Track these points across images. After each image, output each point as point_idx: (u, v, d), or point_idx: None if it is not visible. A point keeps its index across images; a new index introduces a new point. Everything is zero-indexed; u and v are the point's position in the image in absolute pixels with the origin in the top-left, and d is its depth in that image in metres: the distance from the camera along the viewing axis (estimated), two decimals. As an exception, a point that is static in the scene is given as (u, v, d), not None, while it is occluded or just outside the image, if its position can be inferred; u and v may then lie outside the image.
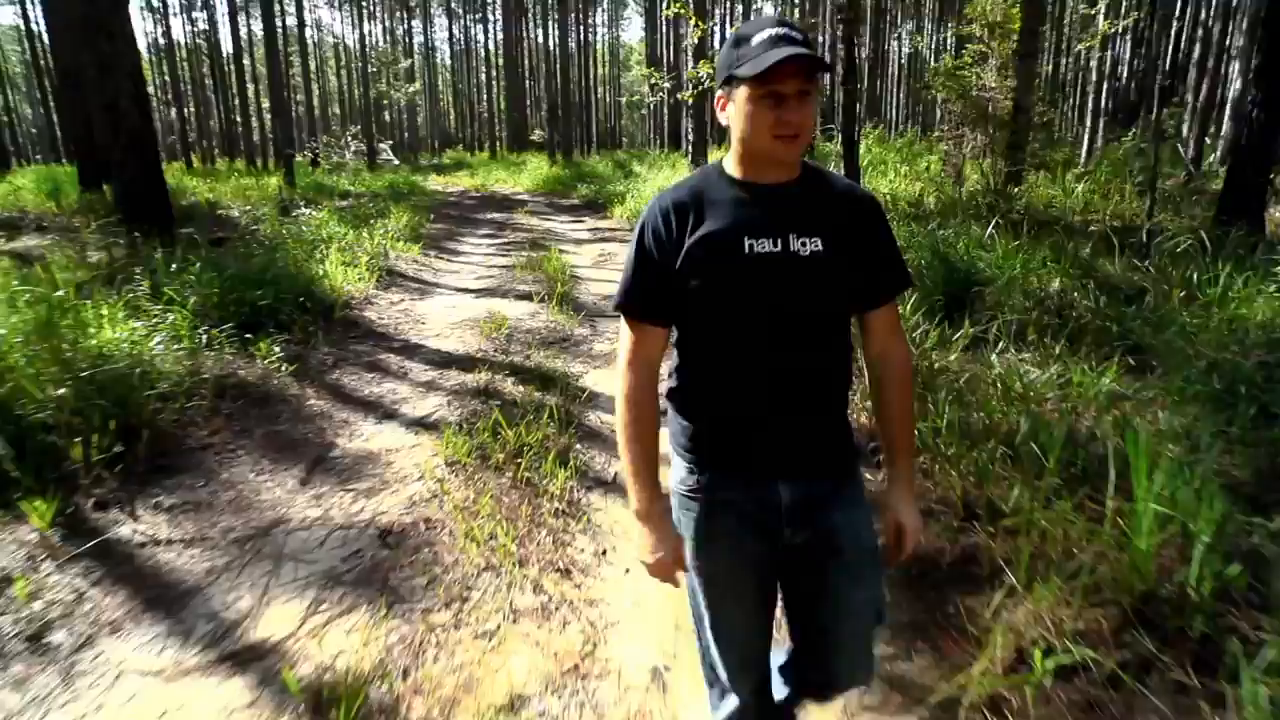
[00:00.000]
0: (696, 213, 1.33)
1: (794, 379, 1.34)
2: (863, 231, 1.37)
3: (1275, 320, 4.09)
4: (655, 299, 1.37)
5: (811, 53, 1.20)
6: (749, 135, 1.28)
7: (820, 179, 1.39)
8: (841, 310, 1.40)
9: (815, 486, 1.38)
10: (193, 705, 2.05)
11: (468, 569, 2.67)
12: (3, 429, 2.97)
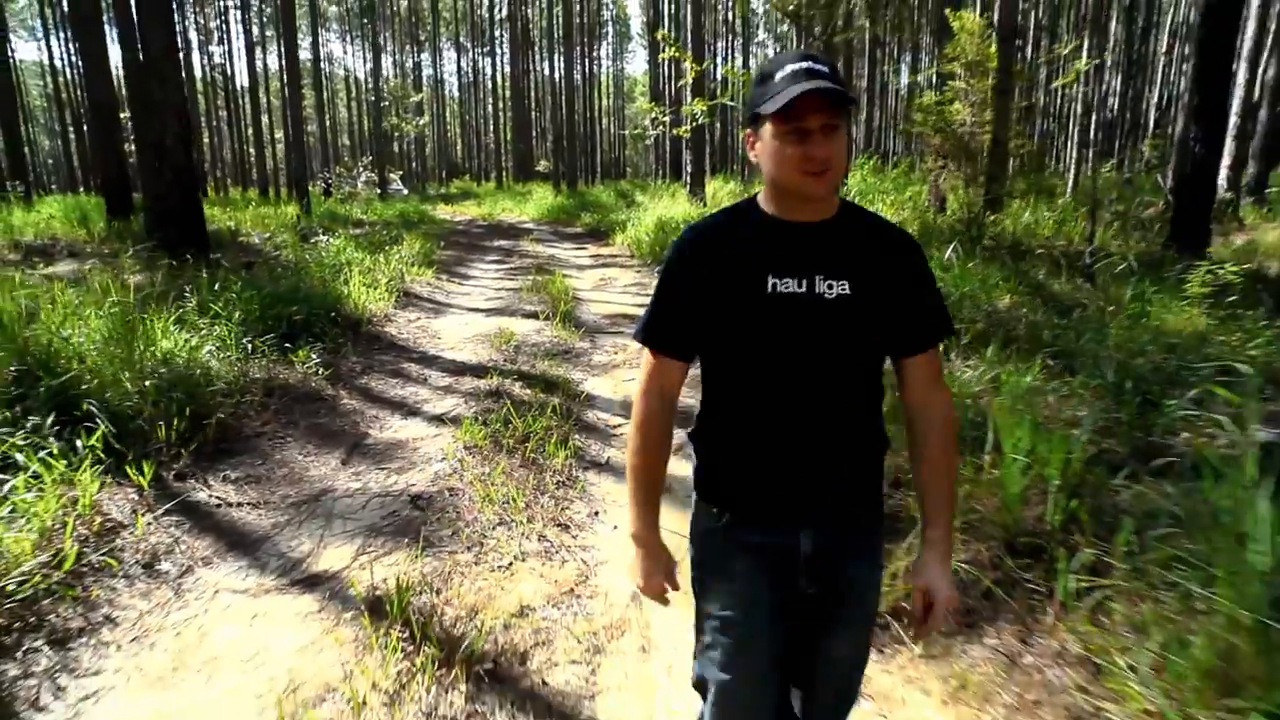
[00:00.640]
0: (723, 247, 1.31)
1: (819, 426, 1.30)
2: (896, 274, 1.32)
3: (1177, 329, 4.71)
4: (675, 332, 1.36)
5: (835, 86, 1.18)
6: (777, 172, 1.25)
7: (855, 217, 1.35)
8: (871, 356, 1.34)
9: (837, 538, 1.34)
10: (275, 612, 2.66)
11: (485, 524, 3.28)
12: (101, 413, 3.60)
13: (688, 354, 1.38)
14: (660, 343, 1.37)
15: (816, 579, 1.33)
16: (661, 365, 1.38)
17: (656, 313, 1.37)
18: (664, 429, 1.40)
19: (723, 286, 1.28)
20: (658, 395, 1.39)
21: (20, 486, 2.84)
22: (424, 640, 2.39)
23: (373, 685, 2.22)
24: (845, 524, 1.35)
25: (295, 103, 18.89)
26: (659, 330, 1.37)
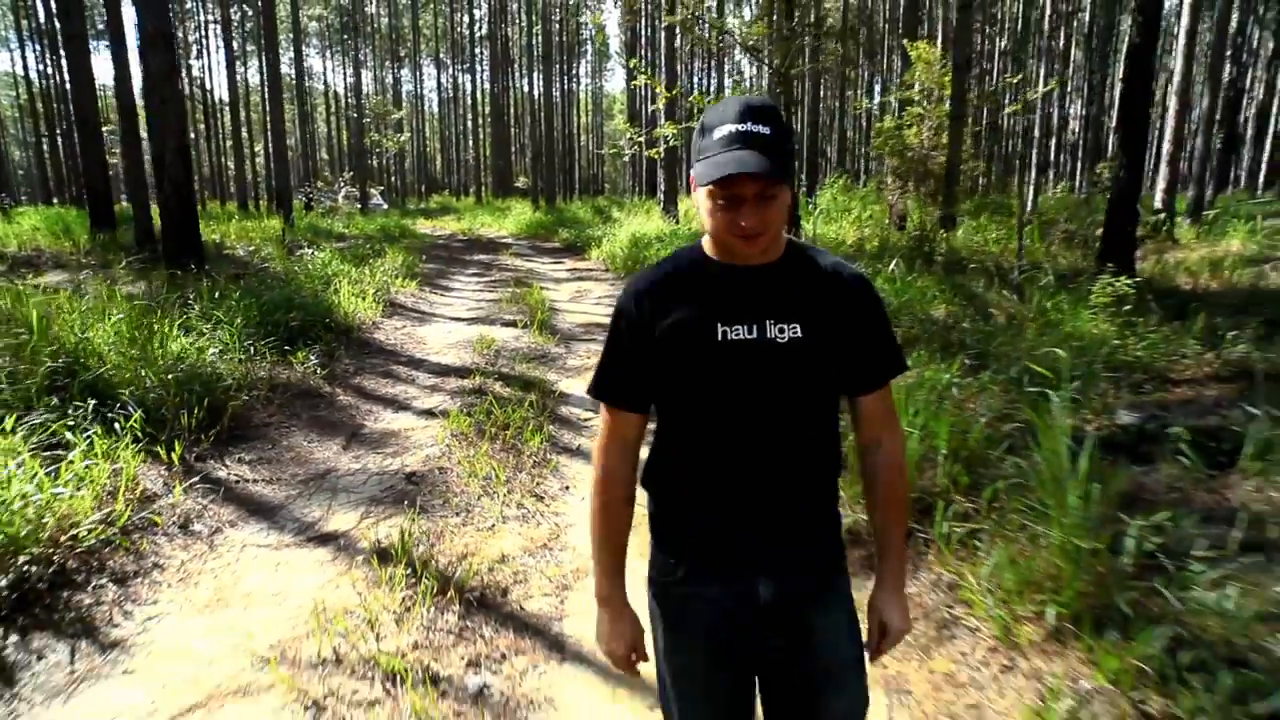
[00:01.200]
0: (669, 297, 1.29)
1: (774, 471, 1.27)
2: (849, 314, 1.29)
3: (1081, 333, 5.37)
4: (628, 386, 1.33)
5: (766, 166, 1.13)
6: (712, 230, 1.24)
7: (804, 259, 1.32)
8: (826, 396, 1.32)
9: (797, 584, 1.30)
10: (295, 562, 3.18)
11: (471, 495, 3.82)
12: (131, 402, 4.09)
13: (643, 405, 1.35)
14: (613, 397, 1.35)
15: (778, 629, 1.30)
16: (618, 420, 1.35)
17: (607, 367, 1.35)
18: (625, 487, 1.36)
19: (673, 337, 1.26)
20: (618, 451, 1.36)
21: (77, 459, 3.33)
22: (423, 576, 2.92)
23: (383, 607, 2.75)
24: (806, 568, 1.32)
25: (278, 117, 19.34)
26: (611, 385, 1.35)
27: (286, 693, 2.31)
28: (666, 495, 1.35)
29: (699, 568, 1.31)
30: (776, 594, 1.28)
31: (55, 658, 2.49)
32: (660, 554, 1.36)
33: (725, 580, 1.29)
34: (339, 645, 2.54)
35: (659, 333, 1.26)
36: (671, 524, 1.34)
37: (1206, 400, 4.28)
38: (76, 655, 2.51)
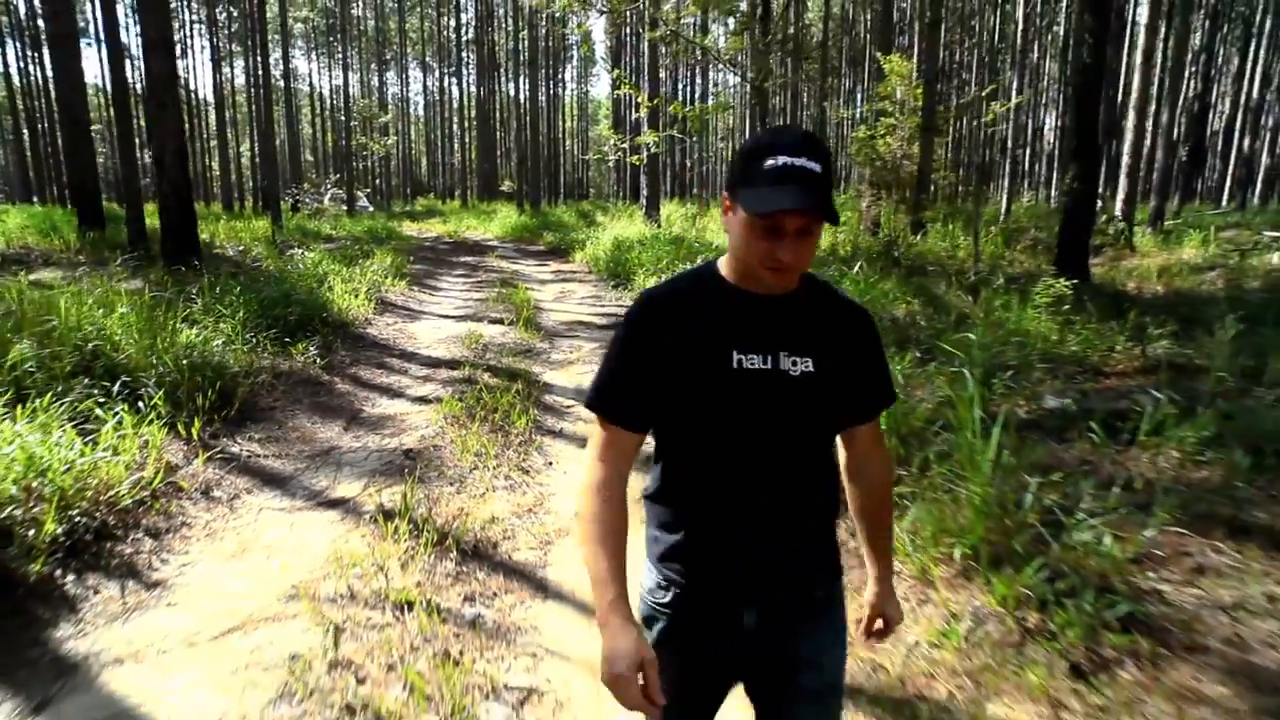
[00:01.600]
0: (685, 316, 1.27)
1: (773, 500, 1.27)
2: (855, 350, 1.32)
3: (1025, 330, 5.87)
4: (629, 402, 1.29)
5: (815, 202, 1.13)
6: (742, 255, 1.23)
7: (819, 293, 1.34)
8: (828, 430, 1.35)
9: (786, 614, 1.32)
10: (308, 522, 3.58)
11: (463, 468, 4.23)
12: (150, 385, 4.46)
13: (640, 425, 1.31)
14: (613, 413, 1.30)
15: (765, 653, 1.32)
16: (613, 436, 1.30)
17: (611, 379, 1.30)
18: (619, 499, 1.28)
19: (685, 358, 1.23)
20: (612, 461, 1.29)
21: (110, 432, 3.71)
22: (424, 531, 3.33)
23: (389, 555, 3.16)
24: (797, 598, 1.33)
25: (267, 119, 19.62)
26: (612, 399, 1.30)
27: (310, 619, 2.71)
28: (663, 517, 1.34)
29: (688, 596, 1.30)
30: (760, 623, 1.30)
31: (108, 593, 2.88)
32: (653, 573, 1.35)
33: (711, 610, 1.30)
34: (353, 584, 2.94)
35: (672, 353, 1.24)
36: (666, 546, 1.33)
37: (1123, 388, 4.78)
38: (125, 591, 2.90)
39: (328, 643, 2.55)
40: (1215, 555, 2.93)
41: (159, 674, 2.42)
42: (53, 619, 2.68)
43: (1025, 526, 2.92)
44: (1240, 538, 3.02)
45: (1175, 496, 3.19)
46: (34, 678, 2.37)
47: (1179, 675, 2.36)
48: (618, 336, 1.30)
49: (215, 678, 2.39)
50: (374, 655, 2.49)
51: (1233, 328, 5.27)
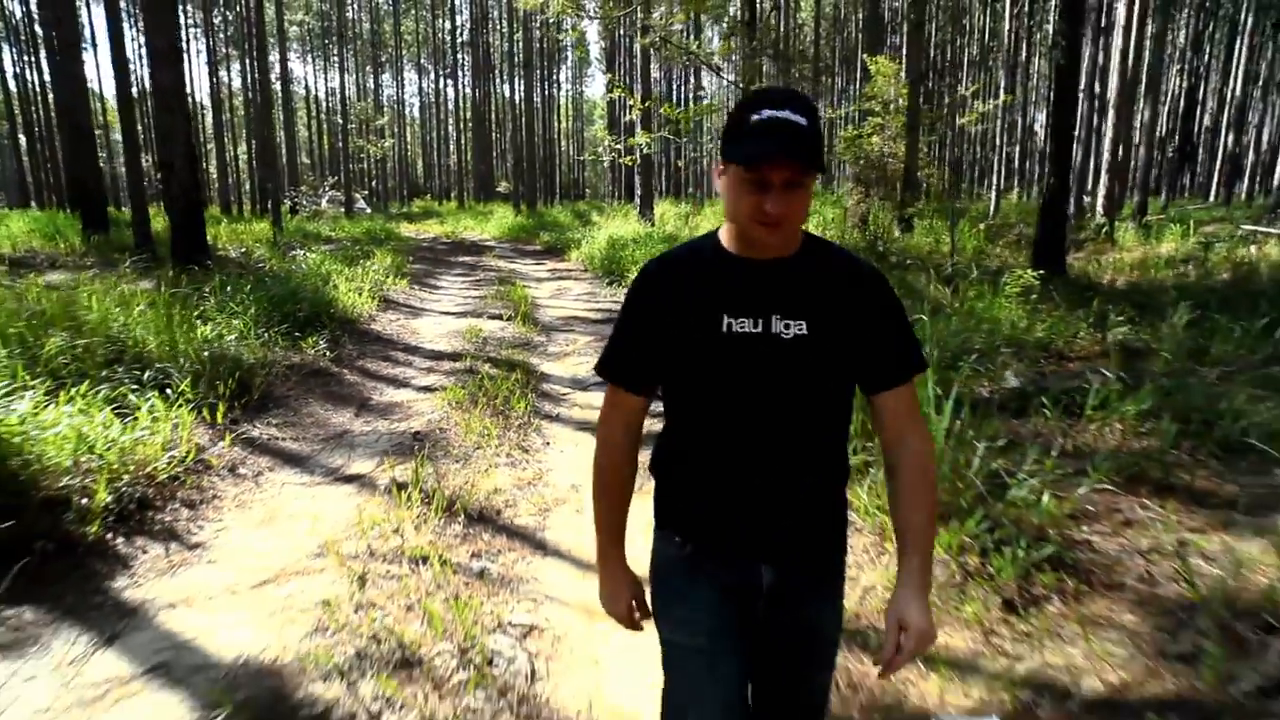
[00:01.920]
0: (681, 284, 1.31)
1: (776, 462, 1.29)
2: (860, 312, 1.29)
3: (997, 318, 6.23)
4: (633, 367, 1.37)
5: (800, 150, 1.15)
6: (734, 214, 1.25)
7: (819, 254, 1.32)
8: (834, 393, 1.32)
9: (797, 574, 1.35)
10: (327, 494, 3.93)
11: (468, 447, 4.58)
12: (176, 375, 4.81)
13: (647, 389, 1.38)
14: (619, 376, 1.38)
15: (776, 613, 1.35)
16: (619, 398, 1.39)
17: (616, 346, 1.38)
18: (625, 454, 1.40)
19: (680, 323, 1.28)
20: (620, 424, 1.40)
21: (145, 415, 4.05)
22: (433, 500, 3.68)
23: (403, 519, 3.51)
24: (806, 560, 1.36)
25: (266, 122, 19.92)
26: (617, 364, 1.38)
27: (336, 571, 3.06)
28: (672, 477, 1.39)
29: (705, 549, 1.34)
30: (776, 581, 1.33)
31: (154, 553, 3.22)
32: (667, 532, 1.39)
33: (730, 564, 1.34)
34: (372, 543, 3.29)
35: (668, 317, 1.29)
36: (677, 506, 1.38)
37: (1079, 370, 5.14)
38: (169, 551, 3.25)
39: (353, 589, 2.90)
40: (1141, 510, 3.29)
41: (207, 616, 2.76)
42: (109, 573, 3.03)
43: (971, 487, 3.28)
44: (1164, 495, 3.38)
45: (1112, 461, 3.55)
46: (101, 619, 2.72)
47: (1096, 607, 2.72)
48: (625, 303, 1.38)
49: (256, 619, 2.74)
50: (394, 599, 2.84)
51: (1184, 315, 5.64)
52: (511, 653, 2.56)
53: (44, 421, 3.52)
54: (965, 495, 3.23)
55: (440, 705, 2.26)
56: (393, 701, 2.27)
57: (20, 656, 2.50)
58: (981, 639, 2.63)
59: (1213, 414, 3.93)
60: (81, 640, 2.59)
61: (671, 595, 1.39)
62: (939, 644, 2.61)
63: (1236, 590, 2.59)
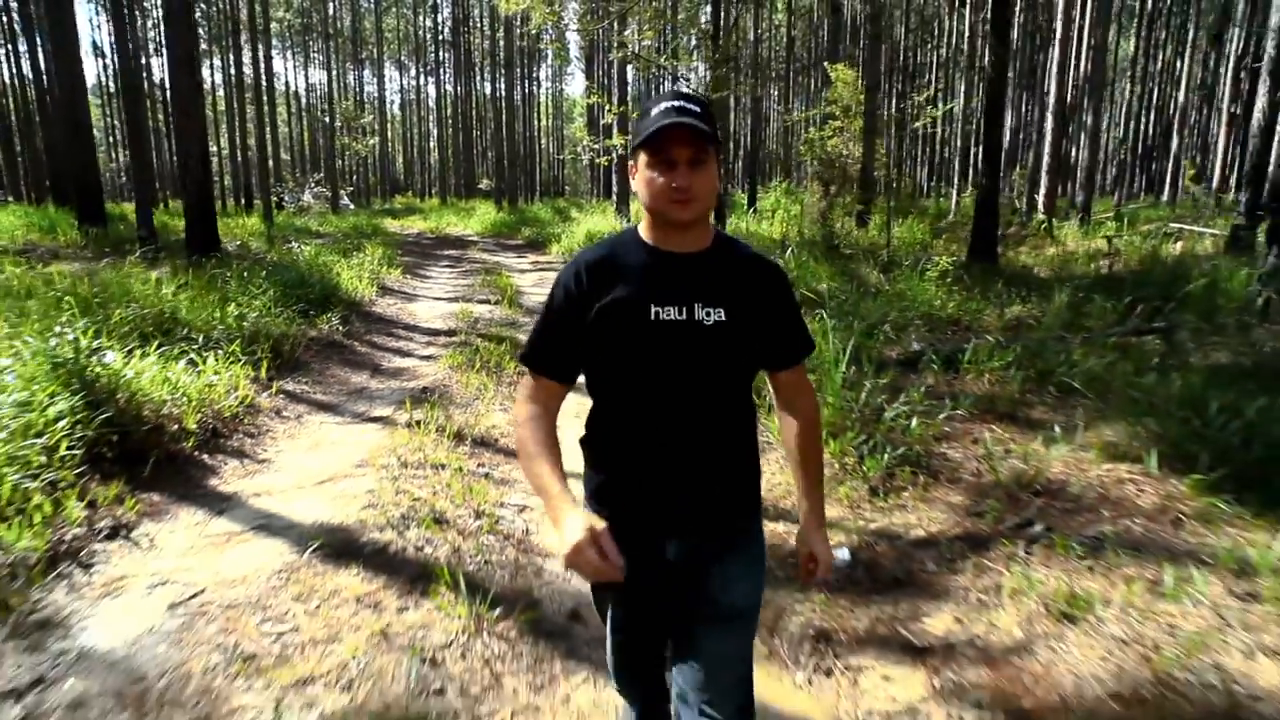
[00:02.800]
0: (608, 275, 1.41)
1: (692, 438, 1.41)
2: (765, 301, 1.45)
3: (916, 298, 7.32)
4: (556, 357, 1.46)
5: (695, 124, 1.30)
6: (649, 198, 1.37)
7: (729, 249, 1.47)
8: (744, 375, 1.47)
9: (704, 544, 1.47)
10: (357, 429, 4.90)
11: (467, 398, 5.57)
12: (222, 342, 5.75)
13: (568, 377, 1.47)
14: (542, 366, 1.47)
15: (684, 583, 1.47)
16: (540, 384, 1.47)
17: (539, 337, 1.47)
18: (547, 424, 1.45)
19: (609, 313, 1.38)
20: (541, 406, 1.47)
21: (208, 369, 5.00)
22: (444, 430, 4.67)
23: (423, 442, 4.49)
24: (713, 530, 1.47)
25: (258, 119, 20.66)
26: (541, 354, 1.47)
27: (375, 475, 4.04)
28: (595, 455, 1.50)
29: (615, 527, 1.36)
30: (681, 552, 1.46)
31: (233, 465, 4.20)
32: (590, 506, 1.50)
33: (637, 539, 1.42)
34: (401, 456, 4.28)
35: (597, 308, 1.38)
36: (598, 483, 1.49)
37: (968, 337, 6.22)
38: (244, 464, 4.22)
39: (391, 483, 3.89)
40: (987, 433, 4.36)
41: (284, 501, 3.74)
42: (204, 477, 4.00)
43: (855, 414, 4.33)
44: (1006, 421, 4.46)
45: (973, 399, 4.63)
46: (207, 502, 3.69)
47: (937, 492, 3.77)
48: (550, 297, 1.47)
49: (321, 502, 3.72)
50: (423, 488, 3.84)
51: (1065, 295, 6.75)
52: (511, 518, 3.57)
53: (139, 369, 4.47)
54: (850, 419, 4.28)
55: (465, 542, 3.27)
56: (431, 540, 3.27)
57: (159, 521, 3.47)
58: (849, 510, 3.68)
59: (1054, 366, 5.02)
60: (198, 513, 3.57)
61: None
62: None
63: (1024, 473, 3.66)
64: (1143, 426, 3.91)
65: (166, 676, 2.39)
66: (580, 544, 1.26)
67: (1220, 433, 3.50)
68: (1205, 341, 5.85)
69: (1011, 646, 2.56)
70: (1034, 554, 3.02)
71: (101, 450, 3.75)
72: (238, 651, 2.51)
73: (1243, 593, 2.57)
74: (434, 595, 2.82)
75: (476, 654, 2.50)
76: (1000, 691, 2.38)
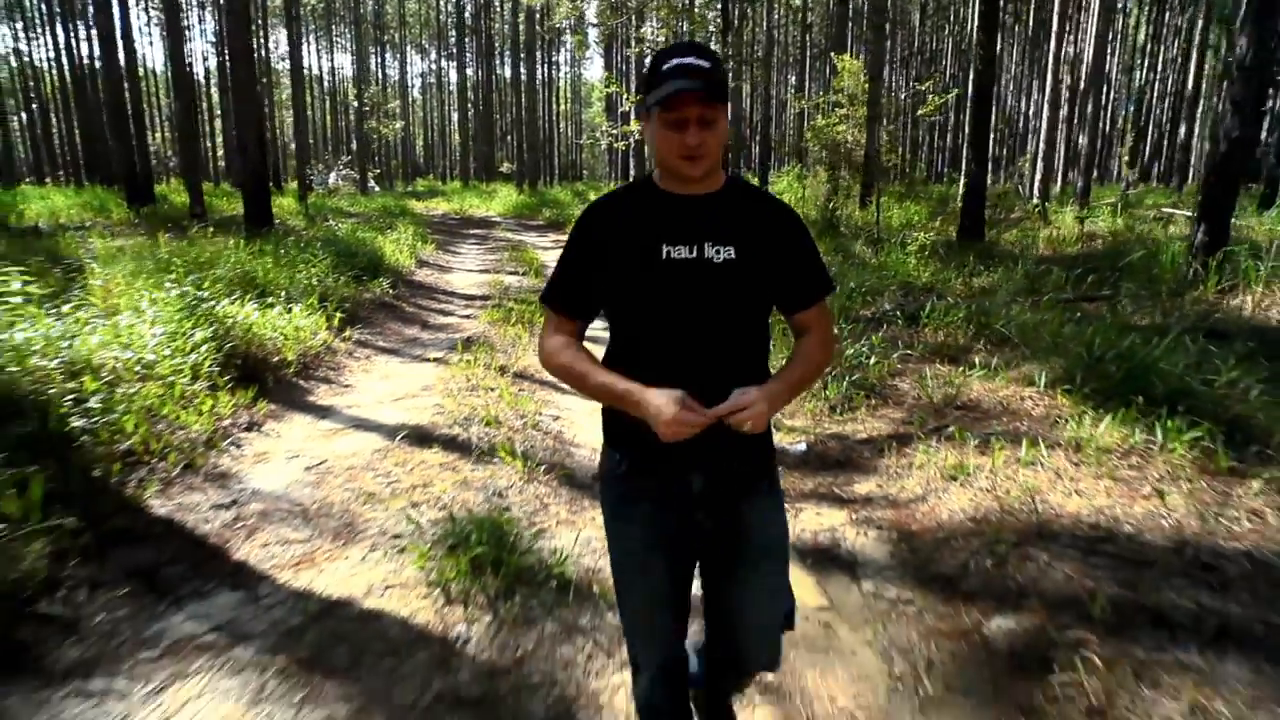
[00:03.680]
0: (622, 218, 1.49)
1: (708, 374, 1.41)
2: (778, 241, 1.48)
3: (896, 268, 8.28)
4: (573, 295, 1.53)
5: (704, 86, 1.33)
6: (661, 155, 1.43)
7: (741, 190, 1.51)
8: (756, 312, 1.50)
9: (728, 476, 1.51)
10: (418, 367, 5.98)
11: (505, 344, 6.62)
12: (298, 297, 6.82)
13: (585, 315, 1.56)
14: (560, 304, 1.55)
15: (711, 514, 1.52)
16: (560, 321, 1.56)
17: (558, 278, 1.55)
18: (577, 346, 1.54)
19: (621, 253, 1.45)
20: (565, 335, 1.55)
21: (297, 315, 6.08)
22: (490, 365, 5.72)
23: (474, 374, 5.55)
24: (735, 465, 1.51)
25: (300, 102, 21.75)
26: (559, 294, 1.55)
27: (439, 394, 5.10)
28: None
29: (639, 462, 1.51)
30: (707, 485, 1.51)
31: (324, 388, 5.29)
32: (608, 450, 1.59)
33: (661, 474, 1.51)
34: (457, 382, 5.34)
35: (610, 250, 1.47)
36: (618, 423, 1.51)
37: (931, 296, 7.19)
38: (333, 388, 5.31)
39: (453, 400, 4.94)
40: (930, 370, 5.35)
41: (369, 412, 4.82)
42: (304, 395, 5.09)
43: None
44: (949, 362, 5.44)
45: (926, 346, 5.61)
46: (311, 411, 4.79)
47: (884, 411, 4.78)
48: (568, 240, 1.53)
49: (398, 412, 4.79)
50: (479, 402, 4.89)
51: (1025, 267, 7.69)
52: (548, 423, 4.64)
53: (246, 314, 5.56)
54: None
55: (515, 435, 4.33)
56: (489, 432, 4.33)
57: (279, 421, 4.57)
58: (811, 421, 4.70)
59: (995, 320, 5.99)
60: (307, 417, 4.66)
61: (610, 513, 1.60)
62: (786, 420, 4.68)
63: (951, 396, 4.65)
64: (1049, 362, 4.89)
65: (316, 504, 3.47)
66: (677, 414, 1.34)
67: (1098, 363, 4.47)
68: (1140, 306, 6.79)
69: (911, 498, 3.59)
70: (941, 445, 4.03)
71: (230, 371, 4.83)
72: (361, 490, 3.58)
73: (1074, 460, 3.57)
74: (497, 461, 3.89)
75: (529, 492, 3.56)
76: (897, 521, 3.41)
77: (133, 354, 4.30)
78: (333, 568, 2.92)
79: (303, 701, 2.20)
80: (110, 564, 2.86)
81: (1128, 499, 3.24)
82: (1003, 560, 2.95)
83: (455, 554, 2.81)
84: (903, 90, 32.66)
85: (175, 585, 2.80)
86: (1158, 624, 2.48)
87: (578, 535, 3.23)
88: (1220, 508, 3.06)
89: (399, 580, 2.80)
